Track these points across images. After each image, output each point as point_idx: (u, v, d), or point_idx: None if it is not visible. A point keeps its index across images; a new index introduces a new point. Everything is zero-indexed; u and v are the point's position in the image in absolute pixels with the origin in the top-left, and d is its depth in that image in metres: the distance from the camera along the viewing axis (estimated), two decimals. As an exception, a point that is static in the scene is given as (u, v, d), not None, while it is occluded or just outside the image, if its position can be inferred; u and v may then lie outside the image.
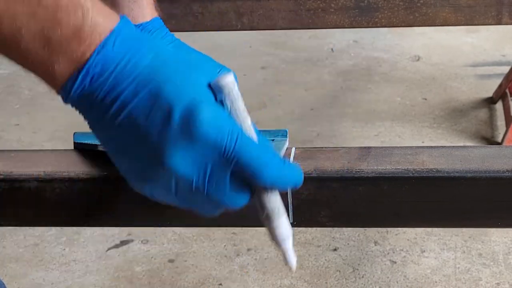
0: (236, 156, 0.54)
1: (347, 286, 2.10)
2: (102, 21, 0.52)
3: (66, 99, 0.57)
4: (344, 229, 2.32)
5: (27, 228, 2.45)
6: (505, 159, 0.72)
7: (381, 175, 0.71)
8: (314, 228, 2.30)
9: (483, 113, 3.17)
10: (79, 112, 0.58)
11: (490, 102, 3.26)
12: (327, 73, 3.66)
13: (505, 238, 2.28)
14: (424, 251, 2.24)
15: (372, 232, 2.33)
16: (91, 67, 0.53)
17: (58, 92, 0.57)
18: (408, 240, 2.29)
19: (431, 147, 0.77)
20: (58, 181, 0.75)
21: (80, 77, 0.54)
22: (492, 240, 2.27)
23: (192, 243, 2.35)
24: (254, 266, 2.21)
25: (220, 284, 2.15)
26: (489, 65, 3.69)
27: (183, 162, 0.53)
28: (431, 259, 2.20)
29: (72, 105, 0.57)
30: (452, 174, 0.70)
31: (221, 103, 0.57)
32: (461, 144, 2.68)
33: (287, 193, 0.74)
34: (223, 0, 1.55)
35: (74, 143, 0.76)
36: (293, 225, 0.76)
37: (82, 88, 0.55)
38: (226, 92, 0.56)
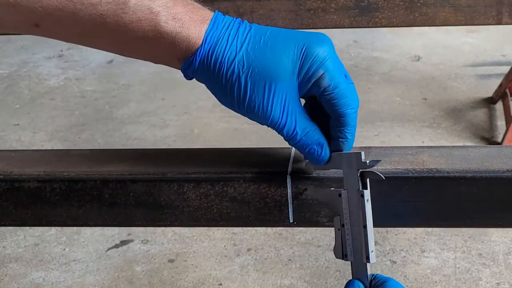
0: None
1: (347, 286, 2.10)
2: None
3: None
4: (344, 229, 2.32)
5: (27, 228, 2.45)
6: (505, 159, 0.72)
7: (381, 175, 0.71)
8: (314, 228, 2.30)
9: (483, 113, 3.17)
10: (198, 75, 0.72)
11: (490, 102, 3.26)
12: (327, 73, 3.65)
13: (505, 238, 2.28)
14: (424, 251, 2.24)
15: (372, 232, 2.33)
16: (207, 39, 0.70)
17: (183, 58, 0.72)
18: (408, 240, 2.29)
19: (431, 147, 0.77)
20: (58, 181, 0.75)
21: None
22: (492, 240, 2.27)
23: (192, 243, 2.35)
24: (254, 266, 2.21)
25: (220, 284, 2.15)
26: (489, 65, 3.70)
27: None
28: (431, 259, 2.20)
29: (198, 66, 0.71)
30: (452, 174, 0.70)
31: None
32: (461, 144, 2.68)
33: (287, 193, 0.74)
34: (223, 0, 1.55)
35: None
36: (293, 225, 0.76)
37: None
38: None
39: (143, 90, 3.66)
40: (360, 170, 0.69)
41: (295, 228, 0.70)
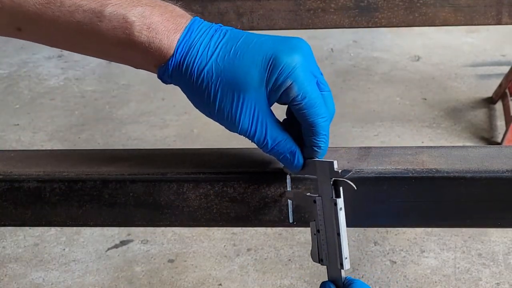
0: None
1: (347, 286, 2.10)
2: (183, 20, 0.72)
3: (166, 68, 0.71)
4: (344, 229, 2.32)
5: (27, 228, 2.45)
6: (504, 159, 0.72)
7: (381, 175, 0.71)
8: (314, 228, 2.30)
9: (483, 113, 3.17)
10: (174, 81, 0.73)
11: (490, 102, 3.26)
12: (326, 73, 3.66)
13: (505, 238, 2.28)
14: (424, 251, 2.24)
15: (372, 232, 2.33)
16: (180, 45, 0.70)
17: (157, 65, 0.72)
18: (408, 240, 2.29)
19: (431, 147, 0.77)
20: (58, 181, 0.75)
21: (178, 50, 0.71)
22: (492, 240, 2.27)
23: (192, 243, 2.35)
24: (254, 266, 2.21)
25: (220, 284, 2.15)
26: (489, 65, 3.70)
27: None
28: (431, 259, 2.20)
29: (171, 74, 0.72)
30: (452, 174, 0.70)
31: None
32: (461, 144, 2.68)
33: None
34: (223, 0, 1.55)
35: None
36: (293, 225, 0.76)
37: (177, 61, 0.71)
38: None
39: (143, 90, 3.66)
40: (333, 179, 0.69)
41: (295, 228, 0.70)
